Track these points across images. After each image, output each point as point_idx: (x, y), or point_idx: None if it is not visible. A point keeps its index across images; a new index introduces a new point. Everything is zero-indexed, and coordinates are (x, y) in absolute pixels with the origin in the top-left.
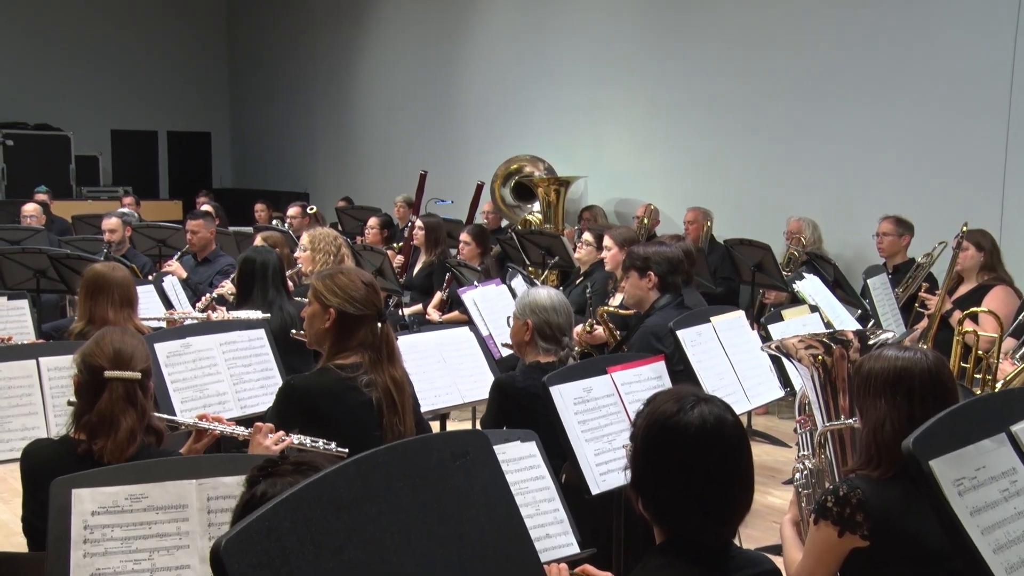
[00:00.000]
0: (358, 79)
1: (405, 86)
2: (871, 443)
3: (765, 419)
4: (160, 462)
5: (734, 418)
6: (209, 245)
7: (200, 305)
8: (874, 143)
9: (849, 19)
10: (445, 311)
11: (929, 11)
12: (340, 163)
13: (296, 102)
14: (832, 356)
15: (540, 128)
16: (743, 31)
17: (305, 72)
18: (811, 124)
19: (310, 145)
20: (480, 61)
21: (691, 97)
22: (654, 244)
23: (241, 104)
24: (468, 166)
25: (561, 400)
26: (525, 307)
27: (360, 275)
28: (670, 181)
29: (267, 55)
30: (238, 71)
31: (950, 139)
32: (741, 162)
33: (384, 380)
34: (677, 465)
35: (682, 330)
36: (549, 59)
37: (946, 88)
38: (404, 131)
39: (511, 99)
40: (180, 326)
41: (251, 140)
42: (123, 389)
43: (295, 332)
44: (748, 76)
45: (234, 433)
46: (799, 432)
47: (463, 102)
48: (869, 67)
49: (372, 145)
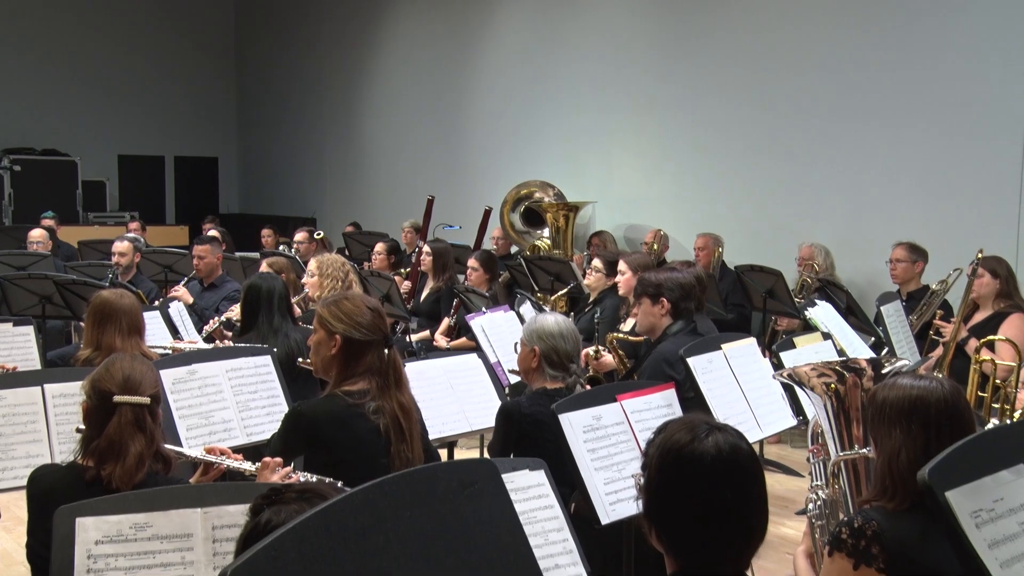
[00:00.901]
0: (366, 104)
1: (413, 110)
2: (886, 473)
3: (777, 448)
4: (164, 490)
5: (748, 446)
6: (216, 270)
7: (207, 328)
8: (887, 168)
9: (861, 42)
10: (453, 337)
11: (943, 33)
12: (347, 188)
13: (304, 127)
14: (845, 384)
15: (549, 153)
16: (753, 55)
17: (313, 97)
18: (823, 149)
19: (317, 170)
20: (489, 86)
21: (701, 121)
22: (666, 270)
23: (248, 129)
24: (476, 191)
25: (570, 428)
26: (532, 333)
27: (365, 300)
28: (680, 206)
29: (275, 80)
30: (246, 96)
31: (965, 163)
32: (752, 187)
33: (392, 407)
34: (694, 495)
35: (693, 357)
36: (558, 84)
37: (961, 111)
38: (412, 156)
39: (520, 124)
40: (185, 353)
41: (258, 165)
42: (132, 414)
43: (302, 360)
44: (759, 100)
45: (241, 468)
46: (812, 462)
47: (471, 127)
48: (882, 90)
49: (380, 170)
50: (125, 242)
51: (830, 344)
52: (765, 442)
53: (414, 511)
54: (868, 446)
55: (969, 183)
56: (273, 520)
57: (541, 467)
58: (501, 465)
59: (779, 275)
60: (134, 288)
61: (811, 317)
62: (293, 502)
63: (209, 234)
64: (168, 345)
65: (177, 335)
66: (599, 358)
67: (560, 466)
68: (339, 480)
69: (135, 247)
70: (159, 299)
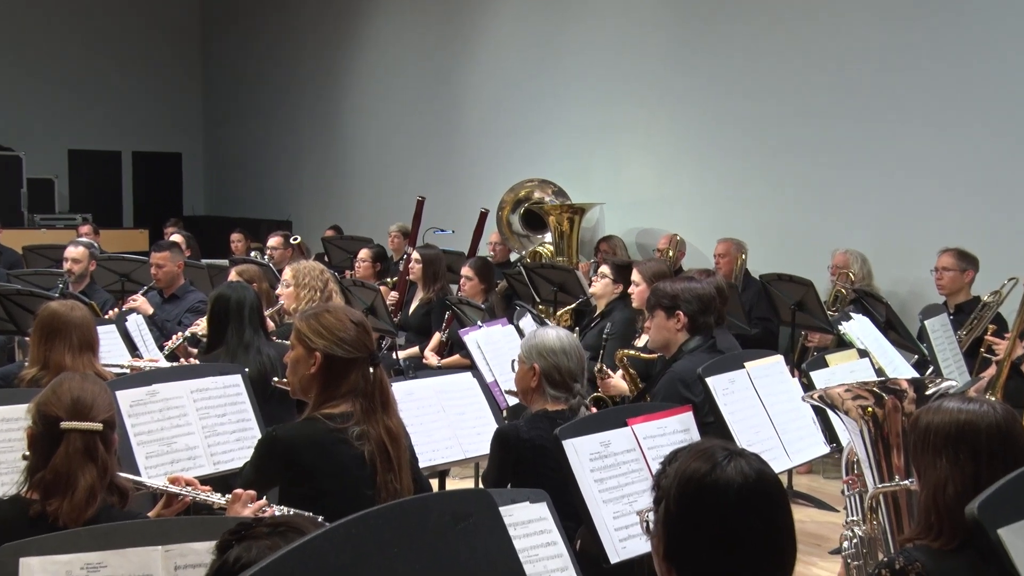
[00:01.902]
0: (348, 95)
1: (401, 103)
2: (931, 508)
3: (808, 479)
4: (121, 526)
5: (773, 473)
6: (177, 280)
7: (170, 344)
8: (933, 167)
9: (903, 32)
10: (445, 355)
11: (991, 26)
12: (327, 188)
13: (278, 120)
14: (884, 408)
15: (552, 150)
16: (781, 44)
17: (289, 87)
18: (860, 145)
19: (294, 168)
20: (485, 76)
21: (722, 115)
22: (683, 280)
23: (216, 122)
24: (471, 192)
25: (575, 456)
26: (532, 349)
27: (349, 314)
28: (698, 209)
29: (246, 68)
30: (213, 86)
31: (1019, 163)
32: (780, 188)
33: (378, 432)
34: (718, 530)
35: (712, 377)
36: (563, 73)
37: (1012, 107)
38: (400, 153)
39: (520, 118)
40: (146, 371)
41: (227, 162)
42: (82, 442)
43: (277, 380)
44: (787, 93)
45: (208, 500)
46: (847, 494)
47: (466, 121)
48: (927, 84)
49: (364, 168)
50: (80, 248)
51: (867, 362)
52: (794, 472)
53: (402, 548)
54: (910, 477)
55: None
56: (243, 558)
57: (543, 499)
58: (498, 497)
59: (809, 285)
60: (87, 299)
61: (846, 332)
62: (266, 537)
63: (171, 239)
64: (125, 363)
65: (135, 352)
66: (606, 377)
67: (564, 498)
68: (318, 514)
69: (91, 254)
70: (114, 310)
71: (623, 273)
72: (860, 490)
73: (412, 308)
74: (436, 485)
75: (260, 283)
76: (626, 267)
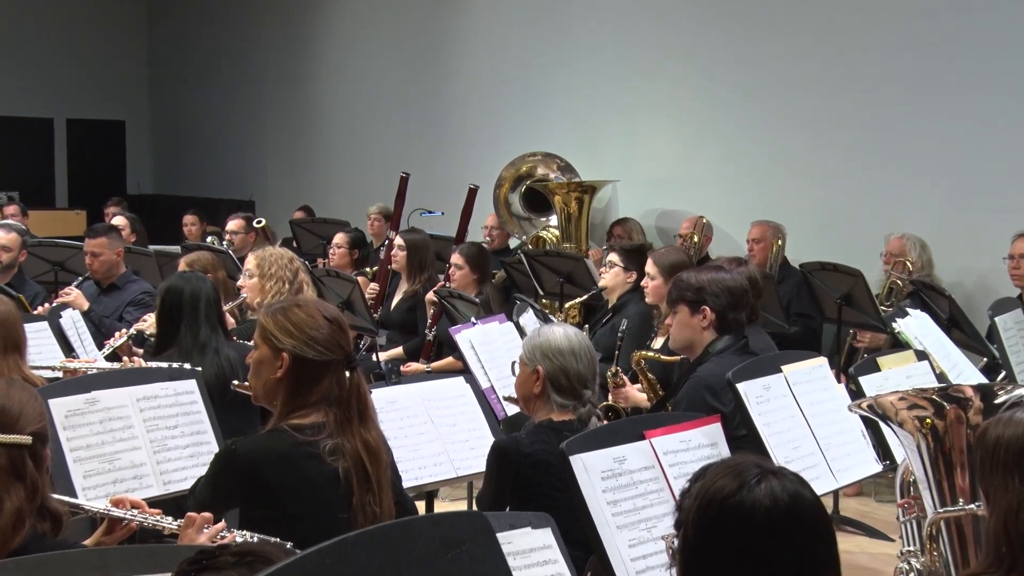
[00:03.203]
0: (321, 55)
1: (383, 66)
2: (1001, 537)
3: (857, 503)
4: (54, 557)
5: (812, 494)
6: (116, 268)
7: (112, 343)
8: (1005, 137)
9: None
10: (433, 357)
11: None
12: (297, 163)
13: (239, 85)
14: (945, 419)
15: (558, 119)
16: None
17: (252, 47)
18: (921, 113)
19: (258, 139)
20: (480, 32)
21: (756, 80)
22: (709, 269)
23: (165, 86)
24: (464, 168)
25: (585, 474)
26: (535, 350)
27: (322, 309)
28: (727, 187)
29: (201, 23)
30: (162, 41)
31: None
32: (824, 163)
33: (354, 446)
34: (743, 560)
35: (744, 382)
36: (570, 29)
37: None
38: (381, 122)
39: (520, 83)
40: (83, 376)
41: (179, 132)
42: (7, 458)
43: (237, 384)
44: (833, 54)
45: (158, 525)
46: (902, 521)
47: (458, 85)
48: (995, 45)
49: (339, 140)
50: (12, 233)
51: (926, 366)
52: (841, 494)
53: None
54: (977, 501)
55: None
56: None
57: (547, 524)
58: (495, 521)
59: (859, 276)
60: (13, 292)
61: (901, 330)
62: (230, 568)
63: (112, 222)
64: (59, 365)
65: (71, 353)
66: (621, 385)
67: (571, 522)
68: (287, 540)
69: (22, 241)
70: (46, 305)
71: (635, 259)
72: (918, 516)
73: (395, 302)
74: (423, 508)
75: (217, 273)
76: (638, 251)
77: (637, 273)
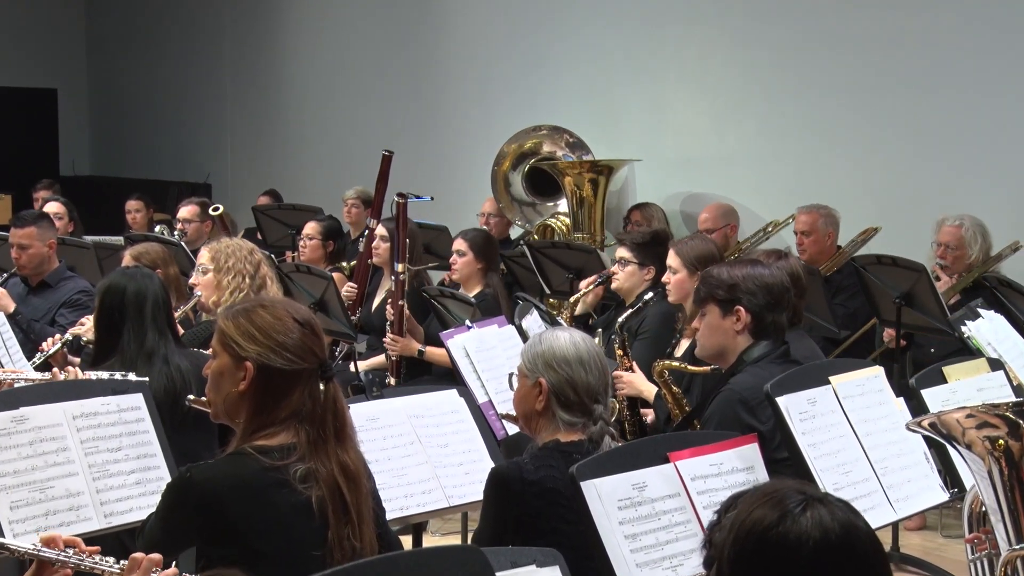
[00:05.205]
0: (290, 15)
1: (361, 31)
2: None
3: (920, 537)
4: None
5: (867, 526)
6: (47, 263)
7: (43, 351)
8: None
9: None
10: (402, 375)
11: None
12: (260, 141)
13: (194, 49)
14: (1021, 440)
15: (568, 89)
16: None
17: (208, 9)
18: (998, 82)
19: (214, 114)
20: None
21: (797, 45)
22: (744, 264)
23: (105, 50)
24: (458, 144)
25: (599, 502)
26: (537, 359)
27: (291, 310)
28: (765, 169)
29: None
30: (101, 2)
31: None
32: (877, 139)
33: (330, 470)
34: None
35: (785, 396)
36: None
37: None
38: (359, 94)
39: (522, 50)
40: (9, 390)
41: (122, 104)
42: None
43: (192, 398)
44: (887, 12)
45: (97, 568)
46: (972, 559)
47: (450, 52)
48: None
49: (310, 115)
50: None
51: (1001, 376)
52: (901, 528)
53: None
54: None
55: None
56: None
57: (555, 562)
58: (494, 558)
59: (922, 271)
60: None
61: (971, 335)
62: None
63: (45, 208)
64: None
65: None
66: (627, 367)
67: (583, 560)
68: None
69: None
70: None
71: (651, 251)
72: (990, 552)
73: (376, 303)
74: (409, 543)
75: (167, 269)
76: (652, 241)
77: (655, 268)
